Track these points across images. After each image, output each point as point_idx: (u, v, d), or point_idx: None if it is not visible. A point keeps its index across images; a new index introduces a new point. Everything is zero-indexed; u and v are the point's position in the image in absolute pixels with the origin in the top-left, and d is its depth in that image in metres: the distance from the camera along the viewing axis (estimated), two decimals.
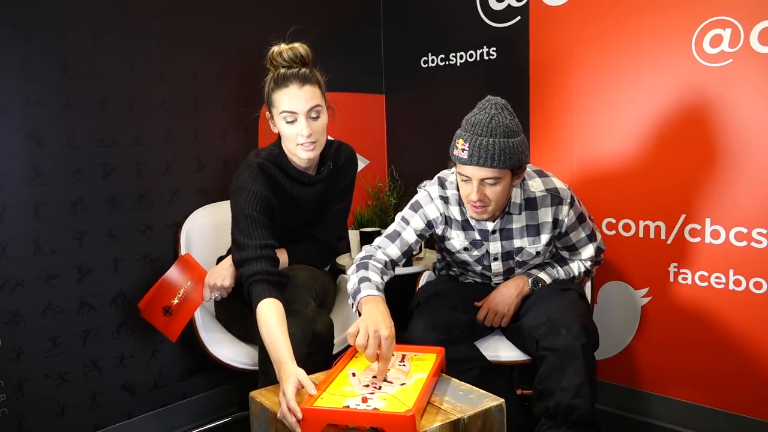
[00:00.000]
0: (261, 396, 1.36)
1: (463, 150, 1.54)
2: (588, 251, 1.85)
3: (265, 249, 1.68)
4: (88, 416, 2.00)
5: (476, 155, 1.52)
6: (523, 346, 1.75)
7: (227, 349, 1.85)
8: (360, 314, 1.51)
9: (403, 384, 1.32)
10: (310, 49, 1.75)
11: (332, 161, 1.88)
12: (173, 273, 1.88)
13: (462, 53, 2.51)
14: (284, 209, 1.83)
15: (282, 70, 1.71)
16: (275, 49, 1.74)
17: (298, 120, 1.70)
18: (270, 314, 1.54)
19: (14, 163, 1.80)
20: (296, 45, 1.74)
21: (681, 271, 2.06)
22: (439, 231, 1.80)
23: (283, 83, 1.69)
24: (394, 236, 1.77)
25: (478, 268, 1.86)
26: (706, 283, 2.02)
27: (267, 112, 1.79)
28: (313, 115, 1.71)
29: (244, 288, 1.66)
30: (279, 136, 1.81)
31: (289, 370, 1.35)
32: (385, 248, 1.75)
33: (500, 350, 1.79)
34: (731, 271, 1.96)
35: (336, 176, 1.90)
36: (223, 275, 1.81)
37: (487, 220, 1.72)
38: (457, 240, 1.79)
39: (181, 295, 1.84)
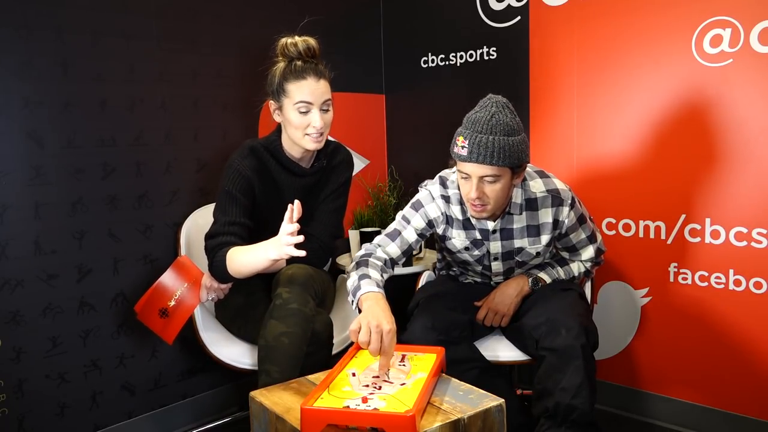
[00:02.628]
0: (261, 396, 1.36)
1: (463, 147, 1.55)
2: (588, 252, 1.85)
3: (233, 226, 1.75)
4: (88, 416, 2.00)
5: (476, 152, 1.53)
6: (523, 346, 1.75)
7: (227, 349, 1.85)
8: (360, 311, 1.51)
9: (403, 384, 1.32)
10: (319, 44, 1.81)
11: (326, 159, 1.91)
12: (169, 276, 1.89)
13: (462, 53, 2.51)
14: (266, 194, 1.85)
15: (298, 62, 1.76)
16: (288, 39, 1.78)
17: (311, 111, 1.75)
18: (237, 248, 1.70)
19: (14, 163, 1.80)
20: (308, 38, 1.79)
21: (681, 271, 2.06)
22: (440, 230, 1.80)
23: (300, 75, 1.74)
24: (395, 235, 1.77)
25: (479, 268, 1.86)
26: (706, 283, 2.02)
27: (272, 101, 1.81)
28: (325, 108, 1.78)
29: (208, 261, 1.75)
30: (278, 128, 1.86)
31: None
32: (385, 247, 1.75)
33: (500, 350, 1.79)
34: (731, 271, 1.96)
35: (327, 175, 1.92)
36: None
37: (486, 219, 1.72)
38: (458, 239, 1.79)
39: (178, 298, 1.85)
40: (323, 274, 1.94)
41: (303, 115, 1.75)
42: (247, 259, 1.67)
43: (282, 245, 1.57)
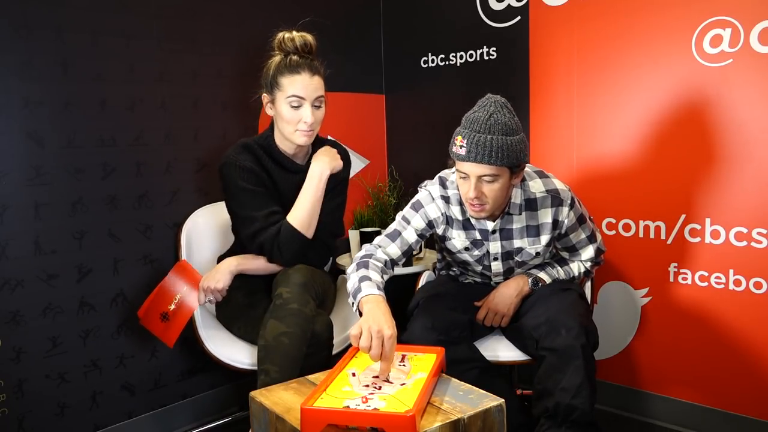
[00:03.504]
0: (261, 396, 1.36)
1: (461, 147, 1.55)
2: (588, 252, 1.85)
3: (274, 215, 1.79)
4: (88, 416, 2.00)
5: (474, 152, 1.53)
6: (523, 346, 1.75)
7: (227, 349, 1.85)
8: (361, 314, 1.51)
9: (403, 384, 1.32)
10: (316, 41, 1.82)
11: None
12: (170, 279, 1.90)
13: (462, 53, 2.51)
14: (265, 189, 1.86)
15: (294, 57, 1.77)
16: (286, 34, 1.80)
17: (303, 106, 1.76)
18: (290, 213, 1.82)
19: (14, 163, 1.80)
20: (305, 34, 1.81)
21: (681, 271, 2.06)
22: (440, 231, 1.80)
23: (295, 69, 1.75)
24: (395, 235, 1.77)
25: (479, 268, 1.86)
26: (706, 283, 2.02)
27: (266, 94, 1.82)
28: (317, 104, 1.78)
29: (267, 254, 1.80)
30: (271, 124, 1.86)
31: None
32: (386, 247, 1.75)
33: (500, 350, 1.78)
34: (731, 271, 1.96)
35: None
36: (217, 278, 1.82)
37: (486, 219, 1.72)
38: (458, 240, 1.79)
39: (177, 301, 1.85)
40: (324, 274, 1.94)
41: (294, 110, 1.76)
42: (306, 197, 1.81)
43: (338, 157, 1.87)
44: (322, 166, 1.84)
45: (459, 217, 1.76)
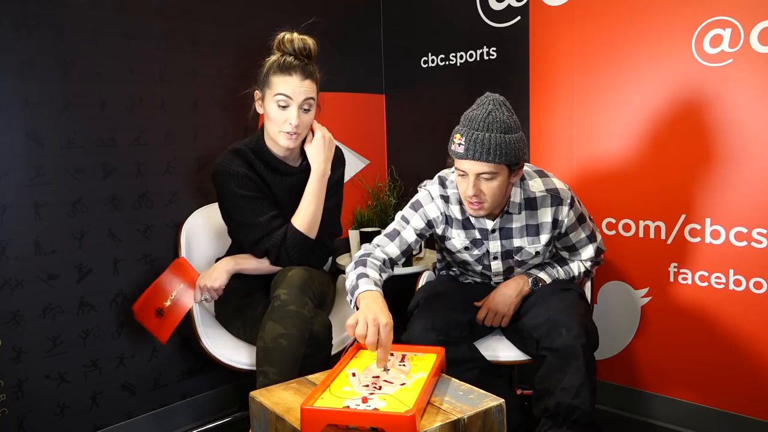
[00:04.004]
0: (261, 396, 1.36)
1: (459, 144, 1.55)
2: (588, 252, 1.85)
3: (276, 219, 1.79)
4: (88, 416, 2.00)
5: (472, 149, 1.53)
6: (523, 346, 1.75)
7: (227, 349, 1.85)
8: (358, 309, 1.51)
9: (403, 384, 1.32)
10: (317, 46, 1.81)
11: None
12: (167, 276, 1.90)
13: (462, 53, 2.51)
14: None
15: (289, 58, 1.77)
16: (287, 35, 1.80)
17: (290, 107, 1.75)
18: (294, 216, 1.83)
19: (14, 163, 1.80)
20: (306, 38, 1.81)
21: (681, 271, 2.06)
22: (439, 230, 1.80)
23: (287, 70, 1.75)
24: (394, 235, 1.77)
25: (478, 268, 1.86)
26: (706, 283, 2.02)
27: (258, 91, 1.83)
28: (305, 107, 1.77)
29: (274, 258, 1.81)
30: (262, 126, 1.86)
31: None
32: (384, 247, 1.75)
33: (500, 350, 1.79)
34: (731, 271, 1.96)
35: None
36: (214, 277, 1.82)
37: (484, 217, 1.72)
38: (457, 239, 1.79)
39: (173, 298, 1.85)
40: (322, 274, 1.94)
41: (281, 110, 1.75)
42: (311, 200, 1.81)
43: (329, 139, 1.84)
44: (321, 165, 1.84)
45: (458, 217, 1.76)
